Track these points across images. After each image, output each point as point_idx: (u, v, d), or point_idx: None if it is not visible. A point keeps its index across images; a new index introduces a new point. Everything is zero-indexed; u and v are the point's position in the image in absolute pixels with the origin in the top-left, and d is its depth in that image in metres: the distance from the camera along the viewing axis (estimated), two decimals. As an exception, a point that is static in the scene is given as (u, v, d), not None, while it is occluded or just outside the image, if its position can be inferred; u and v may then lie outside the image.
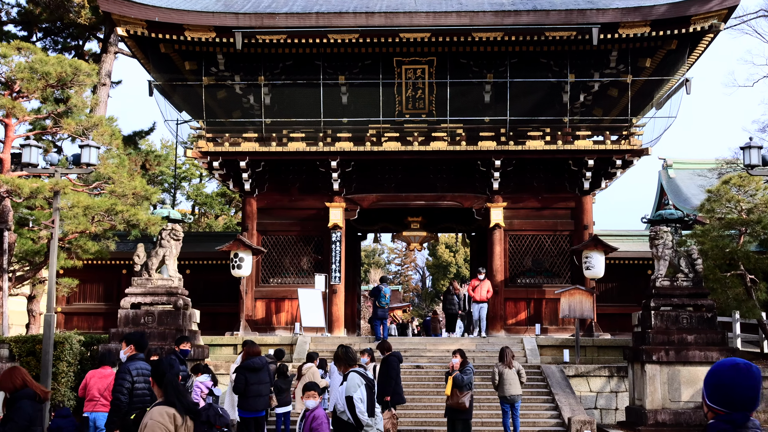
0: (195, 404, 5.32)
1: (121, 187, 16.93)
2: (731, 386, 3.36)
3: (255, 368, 11.60)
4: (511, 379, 14.98)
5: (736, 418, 3.32)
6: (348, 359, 8.14)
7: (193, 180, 48.34)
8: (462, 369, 12.32)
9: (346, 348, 8.25)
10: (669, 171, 42.18)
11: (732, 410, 3.35)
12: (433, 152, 24.09)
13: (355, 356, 8.25)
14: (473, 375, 12.55)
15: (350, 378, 7.95)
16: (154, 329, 16.90)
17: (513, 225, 24.87)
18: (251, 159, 24.31)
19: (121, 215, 16.48)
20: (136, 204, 17.21)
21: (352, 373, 8.00)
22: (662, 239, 17.04)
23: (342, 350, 8.26)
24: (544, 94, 24.91)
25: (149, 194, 17.38)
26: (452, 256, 72.16)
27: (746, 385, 3.36)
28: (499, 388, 14.83)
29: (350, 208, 24.90)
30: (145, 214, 17.06)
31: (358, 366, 8.23)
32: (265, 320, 24.83)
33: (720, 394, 3.39)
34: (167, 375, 5.21)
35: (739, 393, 3.35)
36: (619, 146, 23.87)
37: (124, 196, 17.03)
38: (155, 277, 17.39)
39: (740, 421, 3.32)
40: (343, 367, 8.15)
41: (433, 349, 21.71)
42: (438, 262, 72.92)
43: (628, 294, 25.66)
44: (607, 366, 19.24)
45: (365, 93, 24.59)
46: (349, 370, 8.05)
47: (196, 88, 24.13)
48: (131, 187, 16.80)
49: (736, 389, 3.35)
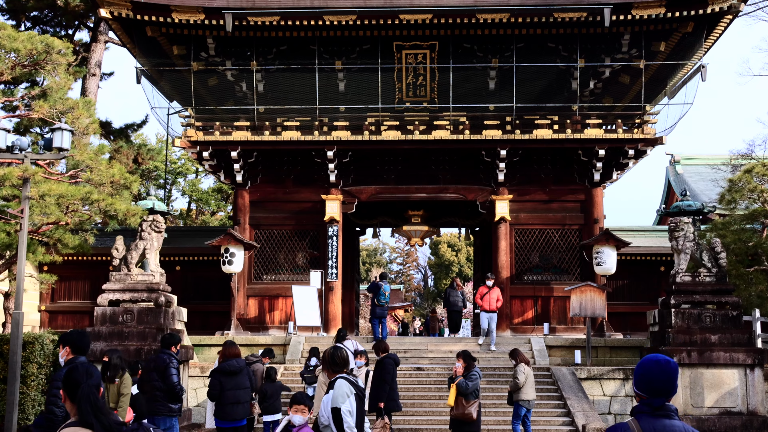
0: (120, 424, 4.03)
1: (99, 174, 15.62)
2: (651, 377, 4.08)
3: (232, 372, 10.31)
4: (532, 381, 13.76)
5: (654, 402, 4.06)
6: (335, 363, 6.85)
7: (189, 175, 47.06)
8: (467, 374, 10.96)
9: (334, 349, 6.95)
10: (677, 167, 41.09)
11: (651, 396, 4.08)
12: (434, 142, 22.81)
13: (345, 360, 6.96)
14: (480, 380, 11.17)
15: (338, 386, 6.68)
16: (133, 328, 15.64)
17: (519, 219, 23.58)
18: (243, 149, 23.03)
19: (97, 205, 15.17)
20: (115, 193, 15.90)
21: (340, 380, 6.72)
22: (683, 231, 15.76)
23: (329, 352, 6.97)
24: (552, 81, 23.61)
25: (129, 183, 16.05)
26: (454, 255, 71.62)
27: (663, 378, 4.08)
28: (523, 390, 13.56)
29: (348, 201, 23.61)
30: (125, 204, 15.75)
31: (348, 371, 6.94)
32: (258, 319, 23.56)
33: (643, 382, 4.12)
34: (82, 387, 3.97)
35: (657, 383, 4.07)
36: (632, 135, 22.56)
37: (101, 184, 15.72)
38: (135, 272, 16.14)
39: (657, 404, 4.06)
40: (329, 372, 6.87)
41: (435, 350, 20.43)
42: (440, 261, 72.44)
43: (640, 291, 24.41)
44: (621, 368, 17.93)
45: (363, 79, 23.31)
46: (336, 377, 6.77)
47: (185, 74, 22.84)
48: (109, 174, 15.50)
49: (655, 380, 4.08)
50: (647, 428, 4.04)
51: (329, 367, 6.84)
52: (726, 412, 14.71)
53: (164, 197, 38.21)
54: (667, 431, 4.02)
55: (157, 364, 11.01)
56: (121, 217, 15.68)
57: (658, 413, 4.07)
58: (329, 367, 6.84)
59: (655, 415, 4.07)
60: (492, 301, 21.07)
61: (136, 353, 15.09)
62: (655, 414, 4.07)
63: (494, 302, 21.10)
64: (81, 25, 34.79)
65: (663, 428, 4.03)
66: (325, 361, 6.89)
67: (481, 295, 21.30)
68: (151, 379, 11.03)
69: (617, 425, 4.23)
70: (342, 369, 6.84)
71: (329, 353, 6.92)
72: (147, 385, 11.04)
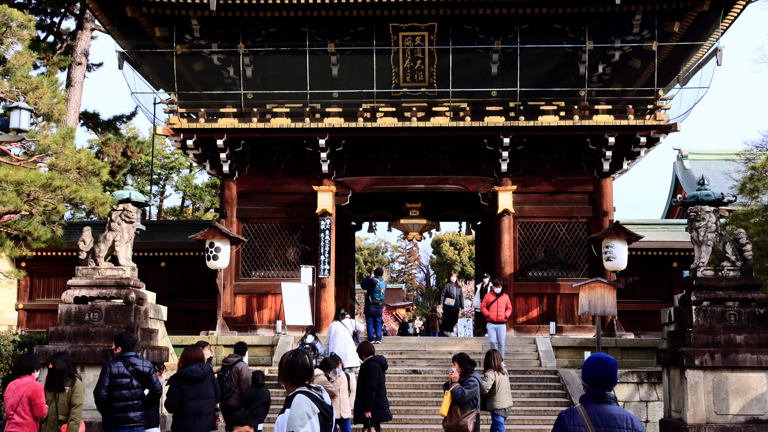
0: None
1: (64, 160, 14.24)
2: (595, 372, 5.10)
3: (194, 379, 8.91)
4: (507, 388, 12.20)
5: (597, 391, 5.07)
6: (293, 373, 5.42)
7: (183, 171, 45.67)
8: (464, 380, 9.50)
9: (294, 355, 5.51)
10: (684, 162, 39.75)
11: (594, 387, 5.09)
12: (433, 129, 21.41)
13: (308, 368, 5.52)
14: (480, 386, 9.69)
15: (297, 404, 5.25)
16: (101, 328, 14.20)
17: (523, 211, 22.16)
18: (229, 137, 21.64)
19: (61, 192, 13.79)
20: (82, 180, 14.51)
21: (300, 396, 5.29)
22: (704, 221, 14.31)
23: (287, 359, 5.54)
24: (558, 64, 22.19)
25: (97, 169, 14.66)
26: (456, 254, 71.31)
27: (604, 373, 5.07)
28: (492, 398, 12.01)
29: (341, 193, 22.20)
30: (92, 192, 14.36)
31: (313, 384, 5.50)
32: (246, 318, 22.17)
33: (588, 376, 5.13)
34: None
35: (599, 376, 5.08)
36: (644, 121, 21.14)
37: (66, 171, 14.34)
38: (103, 266, 14.70)
39: (599, 394, 5.06)
40: (287, 385, 5.45)
41: (433, 351, 19.04)
42: (442, 260, 72.16)
43: (651, 289, 23.01)
44: (635, 371, 16.51)
45: (358, 63, 21.91)
46: (295, 391, 5.35)
47: (169, 58, 21.44)
48: (75, 160, 14.12)
49: (597, 374, 5.09)
50: (591, 412, 4.96)
51: (286, 378, 5.42)
52: (753, 420, 13.28)
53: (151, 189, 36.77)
54: (605, 414, 4.92)
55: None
56: (88, 206, 14.35)
57: (600, 400, 5.02)
58: (286, 378, 5.42)
59: (597, 401, 5.02)
60: (500, 310, 18.50)
61: (103, 355, 13.69)
62: (598, 401, 5.02)
63: (503, 311, 18.53)
64: (68, 13, 33.43)
65: (603, 411, 4.95)
66: (282, 369, 5.46)
67: (487, 304, 18.71)
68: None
69: (569, 410, 5.10)
70: (303, 380, 5.41)
71: (287, 360, 5.47)
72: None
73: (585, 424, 4.92)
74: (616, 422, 4.89)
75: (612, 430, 4.86)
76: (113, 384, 9.21)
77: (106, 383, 9.19)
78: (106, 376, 9.24)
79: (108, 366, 9.34)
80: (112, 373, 9.24)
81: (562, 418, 5.07)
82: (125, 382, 9.24)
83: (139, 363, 9.36)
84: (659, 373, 15.87)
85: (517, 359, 18.74)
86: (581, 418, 4.96)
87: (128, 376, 9.27)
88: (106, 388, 9.17)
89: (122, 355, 9.47)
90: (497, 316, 18.42)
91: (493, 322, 18.43)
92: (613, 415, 4.92)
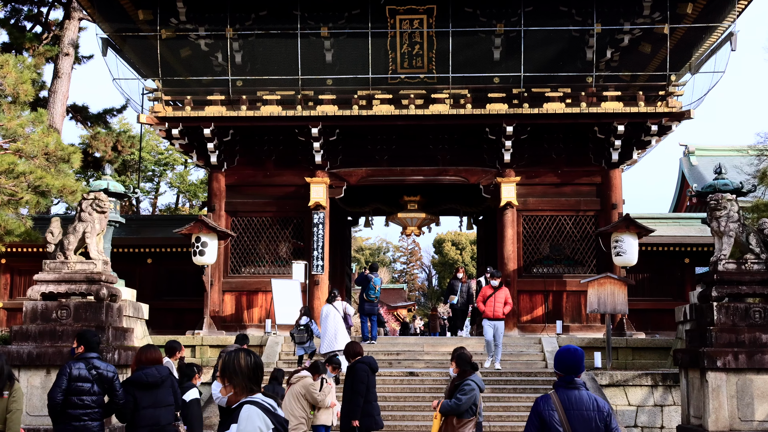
0: None
1: (30, 145, 13.09)
2: (565, 360, 5.71)
3: (149, 384, 7.72)
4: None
5: (566, 378, 5.64)
6: (244, 374, 4.26)
7: (178, 167, 44.50)
8: (460, 383, 8.28)
9: (247, 353, 4.37)
10: (691, 158, 38.65)
11: (565, 374, 5.67)
12: (433, 117, 20.25)
13: (261, 370, 4.38)
14: (480, 389, 8.43)
15: (246, 417, 4.08)
16: (69, 326, 13.04)
17: (528, 204, 20.99)
18: (217, 126, 20.48)
19: (24, 179, 12.64)
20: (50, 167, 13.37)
21: (248, 406, 4.14)
22: (725, 210, 13.11)
23: (237, 358, 4.38)
24: (564, 49, 21.01)
25: (68, 155, 13.51)
26: (459, 254, 70.86)
27: (573, 361, 5.68)
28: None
29: (335, 185, 21.05)
30: (60, 180, 13.21)
31: (269, 389, 4.30)
32: (235, 317, 21.01)
33: (560, 364, 5.72)
34: None
35: (567, 364, 5.67)
36: (655, 109, 19.95)
37: (33, 157, 13.19)
38: (73, 259, 13.54)
39: (568, 380, 5.63)
40: (234, 391, 4.29)
41: (431, 351, 17.86)
42: (444, 260, 71.71)
43: (662, 286, 21.86)
44: (648, 373, 15.32)
45: (352, 48, 20.77)
46: (244, 401, 4.20)
47: (152, 42, 20.30)
48: (42, 145, 12.97)
49: (567, 362, 5.69)
50: (562, 397, 5.59)
51: (232, 381, 4.24)
52: (781, 426, 12.12)
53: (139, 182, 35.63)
54: (575, 398, 5.58)
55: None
56: (56, 195, 13.18)
57: (570, 386, 5.65)
58: (232, 381, 4.24)
59: (567, 387, 5.65)
60: (498, 305, 16.68)
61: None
62: (568, 386, 5.65)
63: (501, 307, 16.71)
64: (56, 2, 32.33)
65: (573, 396, 5.59)
66: (229, 370, 4.27)
67: (483, 298, 16.87)
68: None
69: (543, 395, 5.71)
70: (254, 386, 4.25)
71: (236, 358, 4.28)
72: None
73: (557, 408, 5.52)
74: (584, 404, 5.52)
75: (580, 412, 5.48)
76: (72, 388, 8.06)
77: (63, 386, 8.04)
78: (64, 378, 8.08)
79: (67, 367, 8.19)
80: (71, 375, 8.10)
81: (537, 403, 5.63)
82: (86, 387, 8.09)
83: (103, 366, 8.21)
84: (676, 375, 14.71)
85: (522, 360, 17.58)
86: (554, 402, 5.56)
87: (90, 380, 8.12)
88: (62, 392, 8.02)
89: (84, 356, 8.32)
90: (494, 312, 16.61)
91: (490, 319, 16.59)
92: (581, 398, 5.55)
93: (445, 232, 73.23)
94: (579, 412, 5.47)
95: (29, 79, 13.72)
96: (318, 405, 10.05)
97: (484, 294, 17.04)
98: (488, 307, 16.68)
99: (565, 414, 5.48)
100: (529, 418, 5.63)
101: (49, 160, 13.48)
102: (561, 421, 5.46)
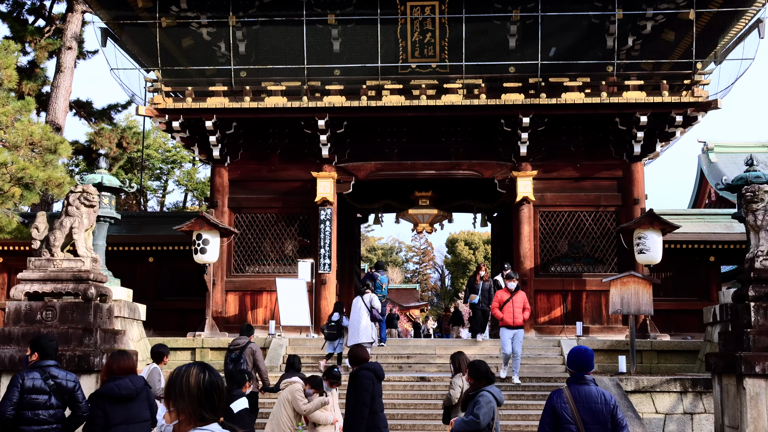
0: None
1: (14, 134, 12.21)
2: (577, 359, 6.24)
3: (121, 397, 6.75)
4: None
5: (578, 375, 6.20)
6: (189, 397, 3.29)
7: (185, 164, 43.67)
8: (473, 394, 7.27)
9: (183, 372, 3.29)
10: (710, 155, 37.55)
11: (577, 371, 6.22)
12: (445, 108, 19.28)
13: (210, 396, 3.29)
14: (498, 402, 7.40)
15: None
16: (54, 328, 12.13)
17: (545, 199, 19.99)
18: (219, 118, 19.59)
19: (6, 170, 11.76)
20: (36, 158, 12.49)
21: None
22: (763, 202, 12.07)
23: (171, 378, 3.31)
24: (583, 36, 20.02)
25: (54, 145, 12.62)
26: (472, 254, 70.10)
27: (584, 360, 6.22)
28: (457, 409, 9.69)
29: (343, 180, 20.11)
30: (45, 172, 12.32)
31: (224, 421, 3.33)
32: (239, 318, 20.07)
33: (573, 362, 6.28)
34: None
35: (579, 362, 6.21)
36: (680, 98, 18.90)
37: (17, 147, 12.32)
38: (59, 256, 12.64)
39: (579, 376, 6.19)
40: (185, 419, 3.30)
41: (444, 354, 16.85)
42: (457, 260, 71.16)
43: (686, 285, 20.87)
44: (677, 378, 14.27)
45: (361, 36, 19.84)
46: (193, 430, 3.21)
47: (152, 30, 19.41)
48: (26, 134, 12.08)
49: (579, 361, 6.22)
50: (574, 392, 6.14)
51: (174, 404, 3.27)
52: (826, 439, 11.09)
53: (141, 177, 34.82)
54: (585, 393, 6.12)
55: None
56: (41, 187, 12.25)
57: (581, 382, 6.20)
58: (174, 404, 3.27)
59: (578, 383, 6.20)
60: (517, 311, 14.69)
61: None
62: (579, 382, 6.20)
63: (520, 313, 14.73)
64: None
65: (583, 391, 6.13)
66: (172, 389, 3.29)
67: (500, 303, 14.84)
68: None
69: (556, 390, 6.26)
70: (214, 414, 3.28)
71: (180, 378, 3.30)
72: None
73: (569, 401, 6.04)
74: (592, 398, 6.05)
75: (589, 405, 6.01)
76: (25, 401, 7.13)
77: (14, 398, 7.11)
78: (16, 390, 7.15)
79: (19, 377, 7.26)
80: (24, 386, 7.16)
81: (551, 397, 6.17)
82: (41, 399, 7.16)
83: (62, 376, 7.28)
84: (706, 380, 13.67)
85: (540, 364, 16.56)
86: (566, 397, 6.08)
87: (46, 391, 7.19)
88: (14, 406, 7.09)
89: (39, 365, 7.39)
90: (513, 319, 14.63)
91: (508, 327, 14.63)
92: (590, 393, 6.09)
93: (458, 231, 72.49)
94: (588, 405, 6.05)
95: (13, 63, 12.85)
96: (302, 414, 9.17)
97: (500, 299, 14.99)
98: (506, 313, 14.69)
99: (576, 407, 6.06)
100: (544, 410, 6.20)
101: (34, 151, 12.57)
102: (572, 413, 6.05)
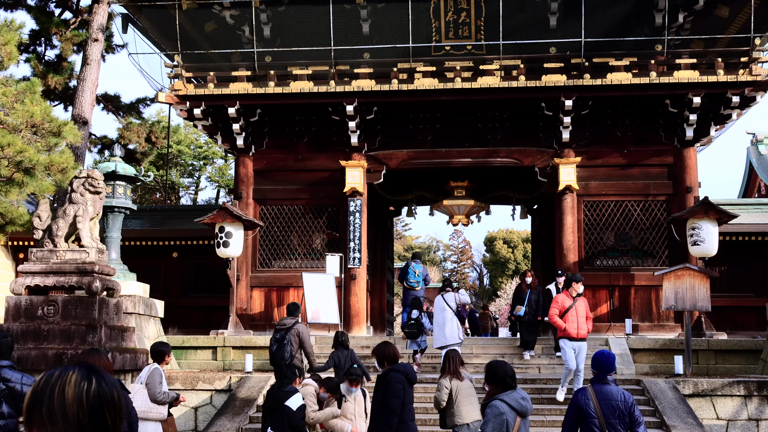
0: None
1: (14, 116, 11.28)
2: (600, 362, 6.87)
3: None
4: (469, 397, 8.67)
5: (600, 375, 6.85)
6: (63, 419, 2.05)
7: (218, 161, 42.93)
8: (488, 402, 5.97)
9: (55, 379, 2.07)
10: (759, 147, 35.90)
11: (599, 372, 6.86)
12: (481, 91, 18.06)
13: (96, 416, 2.06)
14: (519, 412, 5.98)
15: None
16: (56, 325, 11.23)
17: (589, 188, 18.67)
18: (243, 104, 18.60)
19: (2, 153, 10.82)
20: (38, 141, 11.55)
21: None
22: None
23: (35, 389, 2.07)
24: (629, 12, 18.64)
25: (57, 127, 11.69)
26: (510, 252, 68.94)
27: (606, 363, 6.83)
28: (450, 412, 8.66)
29: (373, 169, 18.99)
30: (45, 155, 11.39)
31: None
32: (264, 315, 19.07)
33: (596, 364, 6.89)
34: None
35: (602, 365, 6.84)
36: (736, 77, 17.46)
37: (17, 130, 11.39)
38: (63, 247, 11.72)
39: (602, 377, 6.83)
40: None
41: (481, 354, 15.66)
42: (495, 259, 70.24)
43: (742, 280, 19.33)
44: (741, 380, 12.91)
45: (391, 16, 18.71)
46: None
47: (172, 12, 18.49)
48: (26, 115, 11.14)
49: (602, 363, 6.85)
50: (597, 390, 6.74)
51: (39, 429, 2.10)
52: None
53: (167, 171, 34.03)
54: (606, 391, 6.73)
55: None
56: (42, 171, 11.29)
57: (603, 382, 6.81)
58: (39, 429, 2.10)
59: (601, 382, 6.81)
60: (582, 321, 12.79)
61: (57, 359, 10.72)
62: (601, 382, 6.82)
63: (584, 323, 12.84)
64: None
65: (605, 390, 6.74)
66: (34, 407, 2.06)
67: (561, 311, 12.82)
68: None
69: (581, 388, 6.97)
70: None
71: (53, 388, 2.08)
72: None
73: (592, 398, 6.72)
74: (613, 396, 6.71)
75: (609, 402, 6.67)
76: None
77: None
78: None
79: None
80: None
81: (576, 395, 6.90)
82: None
83: (16, 378, 6.24)
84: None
85: (586, 365, 15.24)
86: (590, 394, 6.77)
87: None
88: None
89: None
90: (578, 331, 12.66)
91: (571, 339, 12.68)
92: (611, 391, 6.75)
93: (497, 229, 71.29)
94: (609, 402, 6.65)
95: (14, 40, 11.92)
96: (308, 422, 8.10)
97: (561, 305, 12.92)
98: (569, 323, 12.70)
99: (599, 403, 6.65)
100: (569, 405, 6.84)
101: (36, 133, 11.63)
102: (595, 409, 6.64)
